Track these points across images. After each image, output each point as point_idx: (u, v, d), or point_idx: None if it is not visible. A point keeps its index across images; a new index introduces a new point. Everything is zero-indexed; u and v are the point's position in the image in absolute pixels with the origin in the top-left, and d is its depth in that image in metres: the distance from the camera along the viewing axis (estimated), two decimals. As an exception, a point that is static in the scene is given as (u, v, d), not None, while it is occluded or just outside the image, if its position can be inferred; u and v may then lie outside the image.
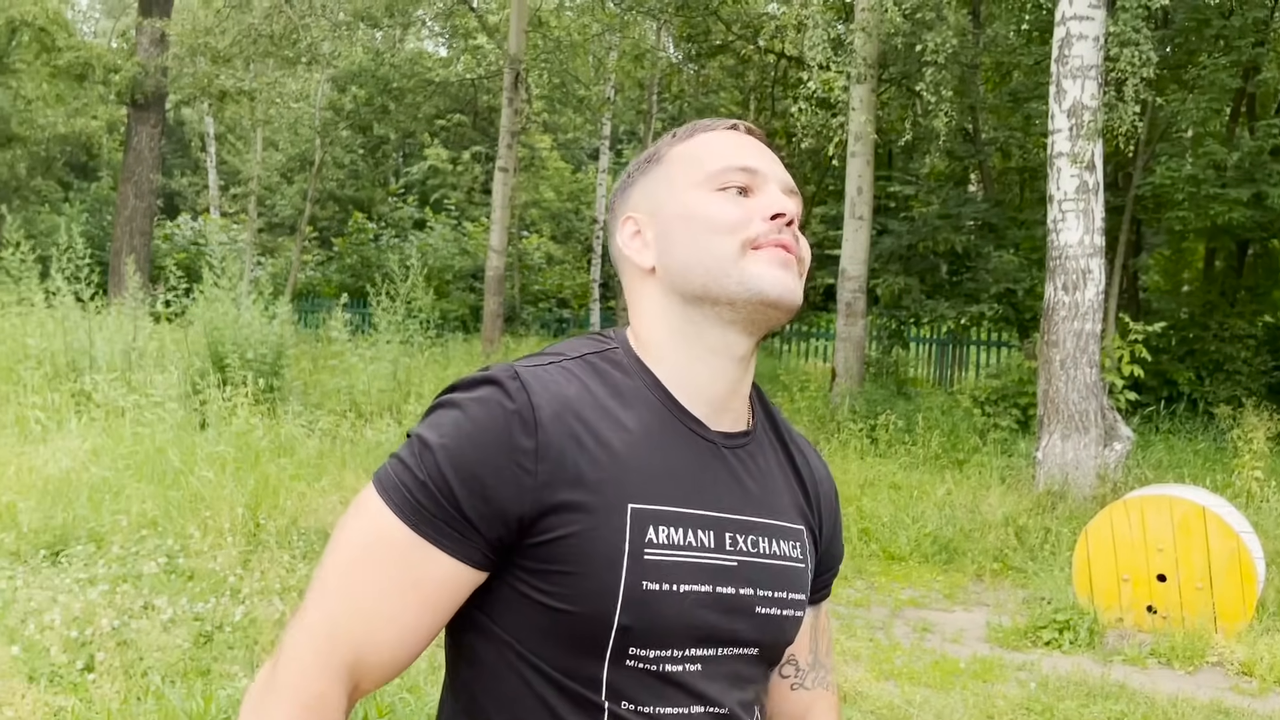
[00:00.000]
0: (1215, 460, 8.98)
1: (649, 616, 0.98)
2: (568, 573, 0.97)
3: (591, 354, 1.08)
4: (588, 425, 1.00)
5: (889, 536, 6.77)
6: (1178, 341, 12.08)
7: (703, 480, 1.05)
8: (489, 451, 0.96)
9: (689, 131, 1.15)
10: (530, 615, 0.99)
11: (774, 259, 1.06)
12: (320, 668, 0.96)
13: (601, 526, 0.98)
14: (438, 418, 1.00)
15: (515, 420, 0.97)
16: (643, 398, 1.05)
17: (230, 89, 18.22)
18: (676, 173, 1.12)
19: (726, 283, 1.05)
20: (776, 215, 1.07)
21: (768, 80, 17.65)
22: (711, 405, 1.08)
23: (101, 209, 26.80)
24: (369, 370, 9.32)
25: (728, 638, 1.04)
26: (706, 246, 1.06)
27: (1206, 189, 10.42)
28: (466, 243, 23.86)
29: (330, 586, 0.98)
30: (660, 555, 0.99)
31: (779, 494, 1.14)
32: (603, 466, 0.99)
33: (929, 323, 14.39)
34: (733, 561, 1.05)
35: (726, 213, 1.07)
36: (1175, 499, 5.12)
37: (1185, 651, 4.84)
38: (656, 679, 1.01)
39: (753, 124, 1.18)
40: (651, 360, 1.09)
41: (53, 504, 5.22)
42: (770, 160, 1.12)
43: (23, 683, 3.32)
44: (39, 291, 9.08)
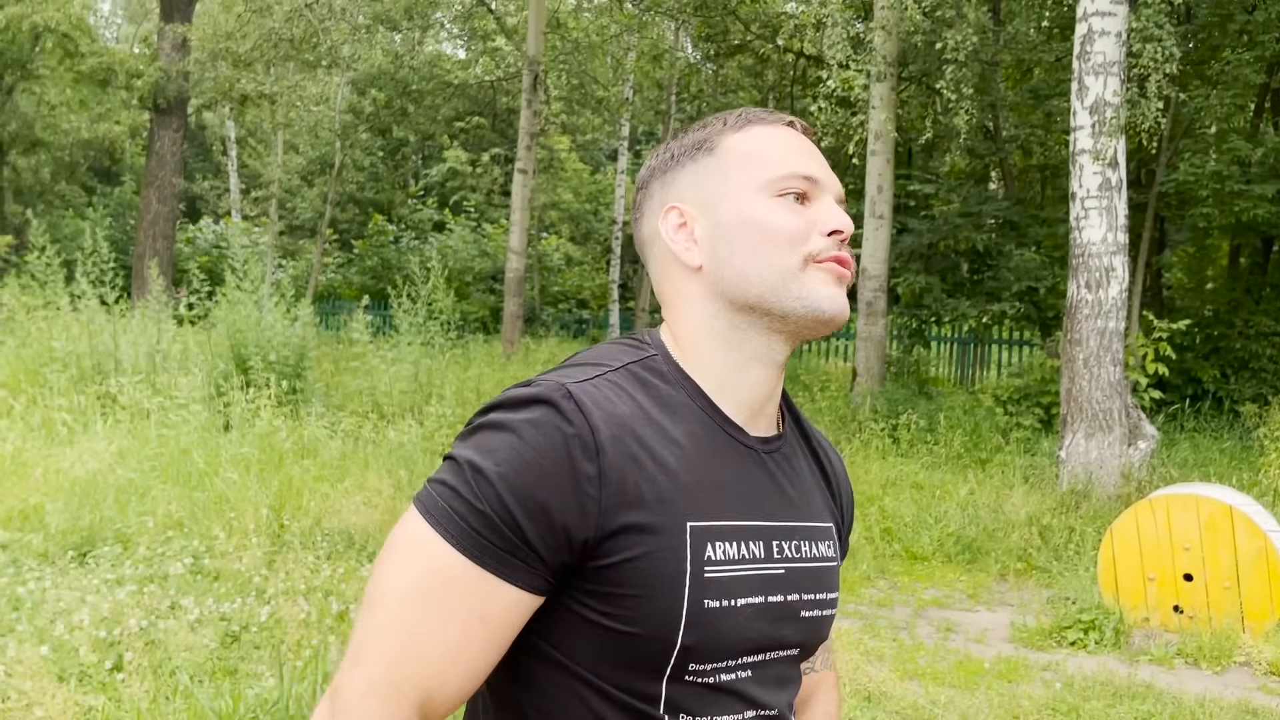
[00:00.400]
0: (1241, 459, 8.89)
1: (710, 634, 0.98)
2: (631, 595, 0.95)
3: (633, 363, 1.06)
4: (644, 444, 0.98)
5: (912, 536, 6.74)
6: (1202, 339, 11.97)
7: (748, 489, 1.06)
8: (552, 478, 0.93)
9: (741, 121, 1.11)
10: (589, 636, 0.97)
11: (832, 277, 1.06)
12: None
13: (663, 548, 0.96)
14: (485, 440, 0.95)
15: (576, 444, 0.94)
16: (687, 408, 1.04)
17: (251, 93, 18.37)
18: (732, 169, 1.08)
19: (784, 296, 1.05)
20: (835, 232, 1.06)
21: (786, 79, 17.62)
22: (750, 411, 1.08)
23: (124, 213, 27.04)
24: (390, 372, 9.36)
25: (776, 643, 1.06)
26: (767, 258, 1.05)
27: (1231, 185, 10.32)
28: (486, 244, 23.94)
29: (389, 632, 0.93)
30: (719, 572, 0.99)
31: (811, 495, 1.15)
32: (661, 486, 0.97)
33: (950, 321, 14.31)
34: (780, 569, 1.06)
35: (788, 224, 1.05)
36: (1202, 498, 5.07)
37: (1212, 651, 4.79)
38: (712, 690, 1.01)
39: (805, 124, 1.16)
40: (690, 364, 1.07)
41: (80, 505, 5.28)
42: (825, 166, 1.11)
43: (53, 682, 3.36)
44: (64, 295, 9.17)
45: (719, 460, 1.04)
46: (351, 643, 0.95)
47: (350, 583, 4.68)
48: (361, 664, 0.93)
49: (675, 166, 1.12)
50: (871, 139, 11.38)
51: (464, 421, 7.44)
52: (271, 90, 19.12)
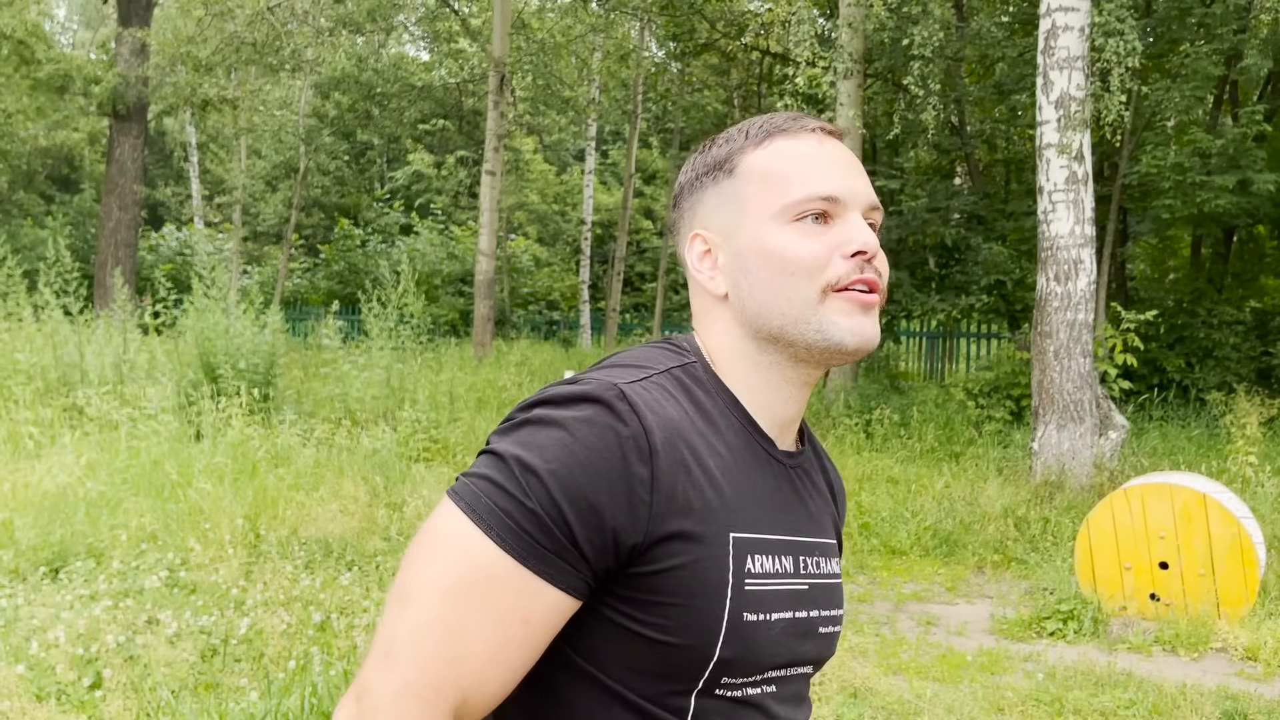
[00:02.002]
0: (1209, 446, 9.03)
1: (747, 648, 0.97)
2: (673, 604, 0.93)
3: (676, 368, 1.04)
4: (693, 450, 0.96)
5: (889, 531, 6.78)
6: (1167, 329, 12.13)
7: (781, 504, 1.05)
8: (606, 479, 0.90)
9: (763, 134, 1.07)
10: (623, 646, 0.95)
11: (855, 306, 1.02)
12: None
13: (708, 557, 0.95)
14: (533, 436, 0.92)
15: (631, 446, 0.91)
16: (726, 418, 1.03)
17: (213, 97, 18.14)
18: (751, 194, 1.05)
19: (805, 329, 1.02)
20: (858, 253, 1.02)
21: (753, 78, 17.68)
22: (780, 426, 1.08)
23: (85, 221, 26.65)
24: (362, 377, 9.28)
25: (798, 659, 1.05)
26: (784, 290, 1.02)
27: (1192, 177, 10.47)
28: (454, 247, 23.83)
29: (426, 631, 0.89)
30: (758, 585, 0.98)
31: (824, 510, 1.15)
32: (707, 495, 0.96)
33: (919, 316, 14.42)
34: (805, 585, 1.05)
35: (805, 253, 1.01)
36: (1175, 486, 5.14)
37: (1189, 638, 4.86)
38: (739, 704, 1.00)
39: (824, 121, 1.11)
40: (724, 376, 1.06)
41: (50, 520, 5.19)
42: (852, 174, 1.05)
43: (30, 702, 3.30)
44: (27, 306, 9.02)
45: (756, 473, 1.03)
46: (380, 638, 0.91)
47: (330, 591, 4.63)
48: (397, 663, 0.89)
49: (699, 188, 1.10)
50: (839, 136, 11.42)
51: (437, 426, 7.35)
52: (233, 95, 18.91)
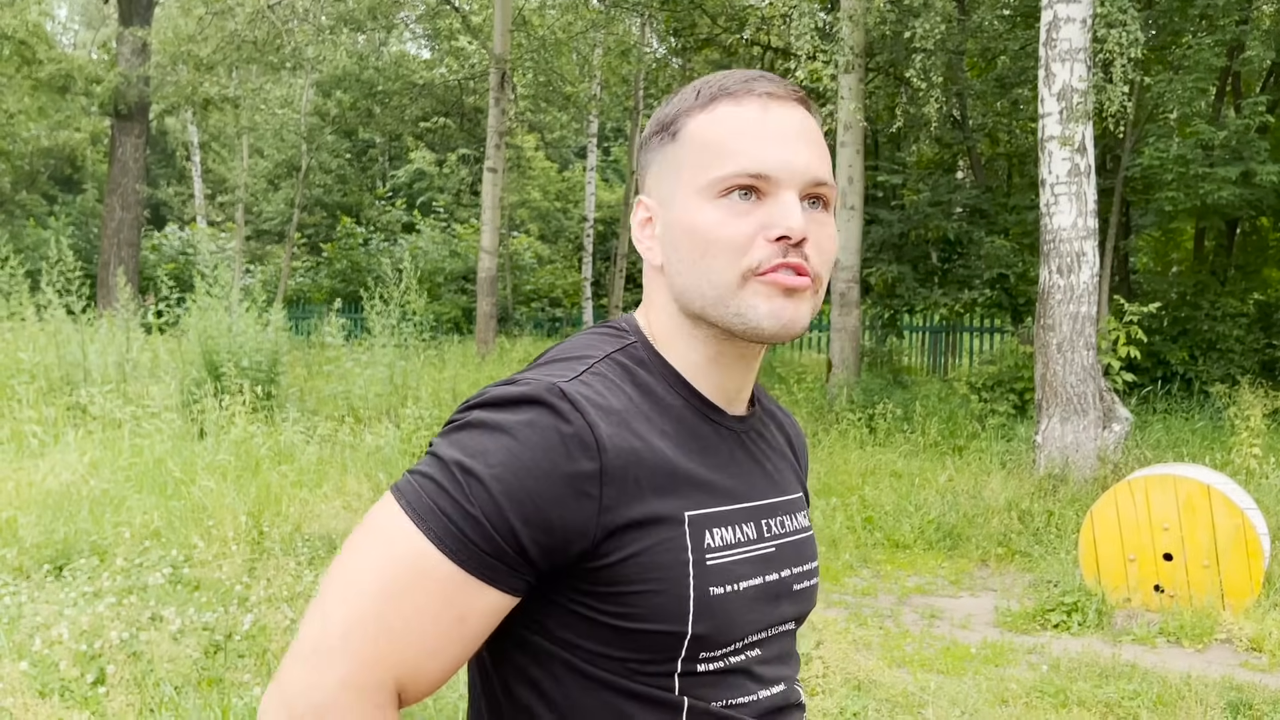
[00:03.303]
0: (1213, 438, 9.01)
1: (720, 621, 0.97)
2: (638, 591, 0.94)
3: (615, 352, 1.03)
4: (640, 437, 0.96)
5: (892, 525, 6.77)
6: (1170, 322, 12.11)
7: (735, 472, 1.05)
8: (550, 480, 0.90)
9: (710, 95, 1.02)
10: (596, 635, 0.96)
11: (775, 290, 0.98)
12: (364, 703, 0.89)
13: (664, 540, 0.95)
14: (475, 441, 0.91)
15: (575, 444, 0.91)
16: (670, 395, 1.03)
17: (214, 96, 18.16)
18: (685, 163, 1.01)
19: (724, 312, 0.99)
20: (782, 238, 0.97)
21: (753, 73, 17.63)
22: (727, 395, 1.07)
23: (87, 221, 26.68)
24: (365, 375, 9.28)
25: (776, 620, 1.06)
26: (705, 271, 0.99)
27: (1195, 169, 10.44)
28: (456, 245, 23.82)
29: (362, 627, 0.89)
30: (720, 558, 0.98)
31: (783, 466, 1.15)
32: (659, 478, 0.96)
33: (922, 310, 14.41)
34: (771, 548, 1.05)
35: (725, 234, 0.97)
36: (1179, 478, 5.13)
37: (1194, 629, 4.85)
38: (724, 674, 1.01)
39: (785, 82, 1.03)
40: (666, 351, 1.06)
41: (54, 518, 5.19)
42: (794, 148, 0.99)
43: (34, 698, 3.30)
44: (30, 306, 9.03)
45: (705, 446, 1.03)
46: (312, 629, 0.90)
47: (333, 588, 4.63)
48: (334, 658, 0.88)
49: (649, 148, 1.07)
50: (841, 130, 11.41)
51: (441, 423, 7.41)
52: (235, 94, 18.92)
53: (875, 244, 13.81)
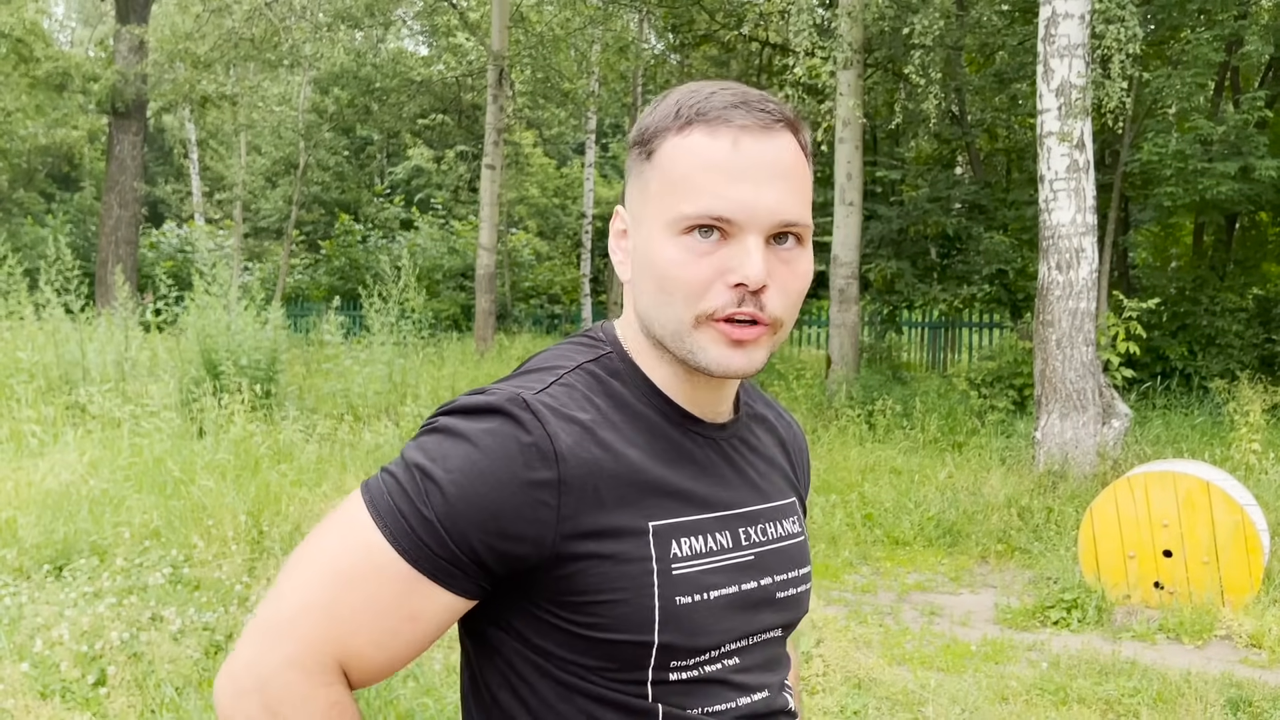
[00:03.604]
0: (1212, 434, 9.01)
1: (687, 630, 0.98)
2: (602, 601, 0.95)
3: (588, 362, 1.04)
4: (605, 447, 0.97)
5: (892, 521, 6.77)
6: (1169, 317, 12.11)
7: (710, 480, 1.05)
8: (507, 490, 0.91)
9: (688, 117, 0.99)
10: (566, 642, 0.97)
11: (724, 338, 0.97)
12: (311, 682, 0.92)
13: (627, 550, 0.96)
14: (439, 446, 0.93)
15: (533, 454, 0.92)
16: (643, 405, 1.03)
17: (212, 94, 18.13)
18: (654, 189, 1.00)
19: (679, 347, 1.00)
20: (739, 285, 0.96)
21: (752, 69, 17.63)
22: (701, 407, 1.07)
23: (85, 219, 26.64)
24: (364, 373, 9.28)
25: (756, 628, 1.06)
26: (664, 307, 0.99)
27: (1194, 164, 10.43)
28: (455, 242, 23.80)
29: (313, 611, 0.92)
30: (687, 568, 0.99)
31: (771, 472, 1.15)
32: (622, 489, 0.96)
33: (921, 306, 14.41)
34: (750, 556, 1.05)
35: (685, 275, 0.97)
36: (1179, 474, 5.13)
37: (1194, 626, 4.85)
38: (699, 683, 1.01)
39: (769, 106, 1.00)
40: (641, 362, 1.06)
41: (53, 518, 5.19)
42: (762, 189, 0.97)
43: (35, 699, 3.30)
44: (28, 304, 9.02)
45: (679, 455, 1.03)
46: (266, 609, 0.94)
47: (334, 587, 4.63)
48: (282, 638, 0.92)
49: (630, 157, 1.06)
50: (839, 126, 11.40)
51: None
52: (232, 91, 18.89)
53: (874, 240, 13.80)
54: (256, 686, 0.91)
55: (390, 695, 3.24)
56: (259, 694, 0.91)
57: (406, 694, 3.30)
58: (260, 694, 0.91)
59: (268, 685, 0.91)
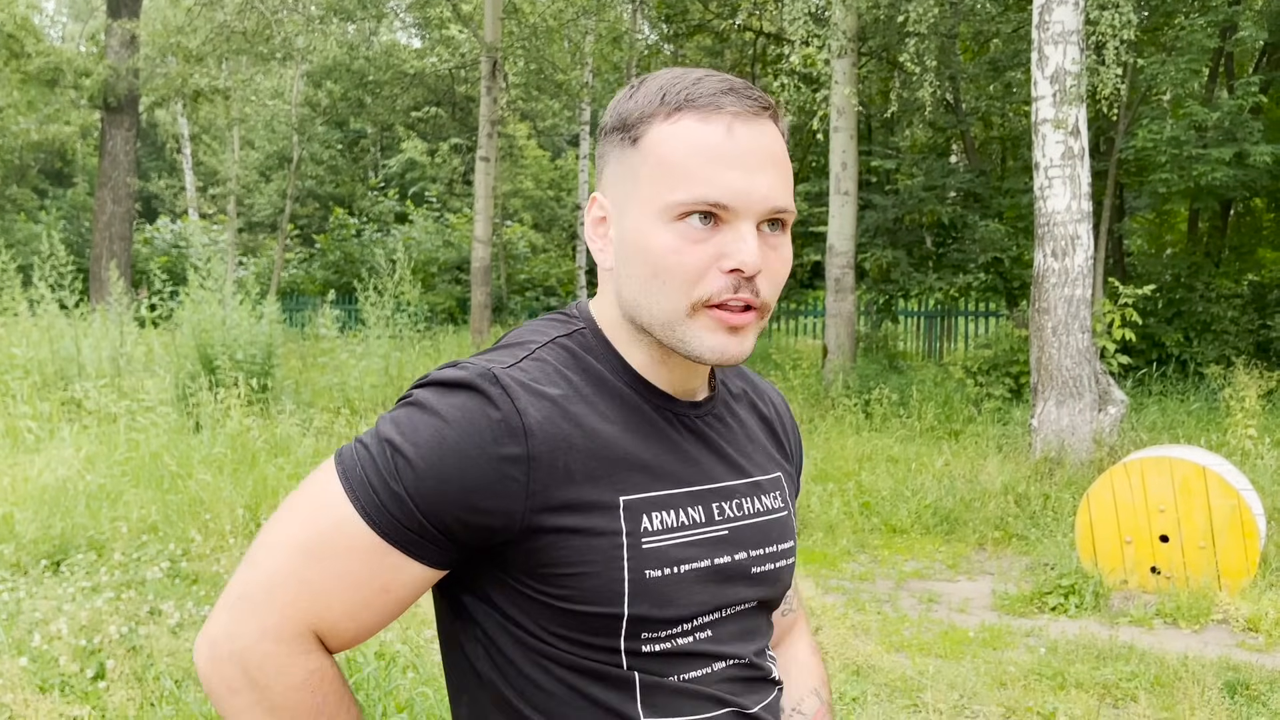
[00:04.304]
0: (1208, 420, 9.03)
1: (658, 603, 0.99)
2: (571, 574, 0.96)
3: (562, 336, 1.05)
4: (576, 422, 0.98)
5: (889, 510, 6.78)
6: (1165, 304, 12.13)
7: (683, 456, 1.06)
8: (475, 464, 0.92)
9: (676, 104, 0.99)
10: (542, 614, 0.98)
11: (722, 325, 0.98)
12: (287, 649, 0.95)
13: (598, 524, 0.97)
14: (411, 420, 0.95)
15: (502, 429, 0.93)
16: (614, 382, 1.04)
17: (204, 88, 18.06)
18: (644, 176, 0.99)
19: (670, 336, 1.00)
20: (735, 270, 0.97)
21: (746, 58, 17.59)
22: (674, 386, 1.08)
23: (79, 215, 26.57)
24: (360, 366, 9.27)
25: (729, 601, 1.06)
26: (655, 294, 0.99)
27: (1188, 150, 10.44)
28: (450, 234, 23.76)
29: (286, 583, 0.94)
30: (657, 542, 1.00)
31: (751, 448, 1.15)
32: (592, 464, 0.97)
33: (917, 295, 14.41)
34: (724, 530, 1.06)
35: (680, 261, 0.97)
36: (1175, 460, 5.14)
37: (1190, 610, 4.87)
38: (671, 655, 1.02)
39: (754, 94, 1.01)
40: (615, 341, 1.07)
41: (50, 513, 5.18)
42: (755, 174, 0.98)
43: (34, 694, 3.30)
44: (22, 301, 8.99)
45: (651, 431, 1.04)
46: (240, 578, 0.96)
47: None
48: (258, 609, 0.94)
49: (608, 143, 1.05)
50: (834, 115, 11.39)
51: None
52: (225, 85, 18.82)
53: (869, 229, 13.80)
54: (234, 655, 0.94)
55: (390, 685, 3.24)
56: (237, 662, 0.94)
57: (406, 684, 3.30)
58: (238, 662, 0.94)
59: (246, 655, 0.94)
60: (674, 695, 1.02)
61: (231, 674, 0.95)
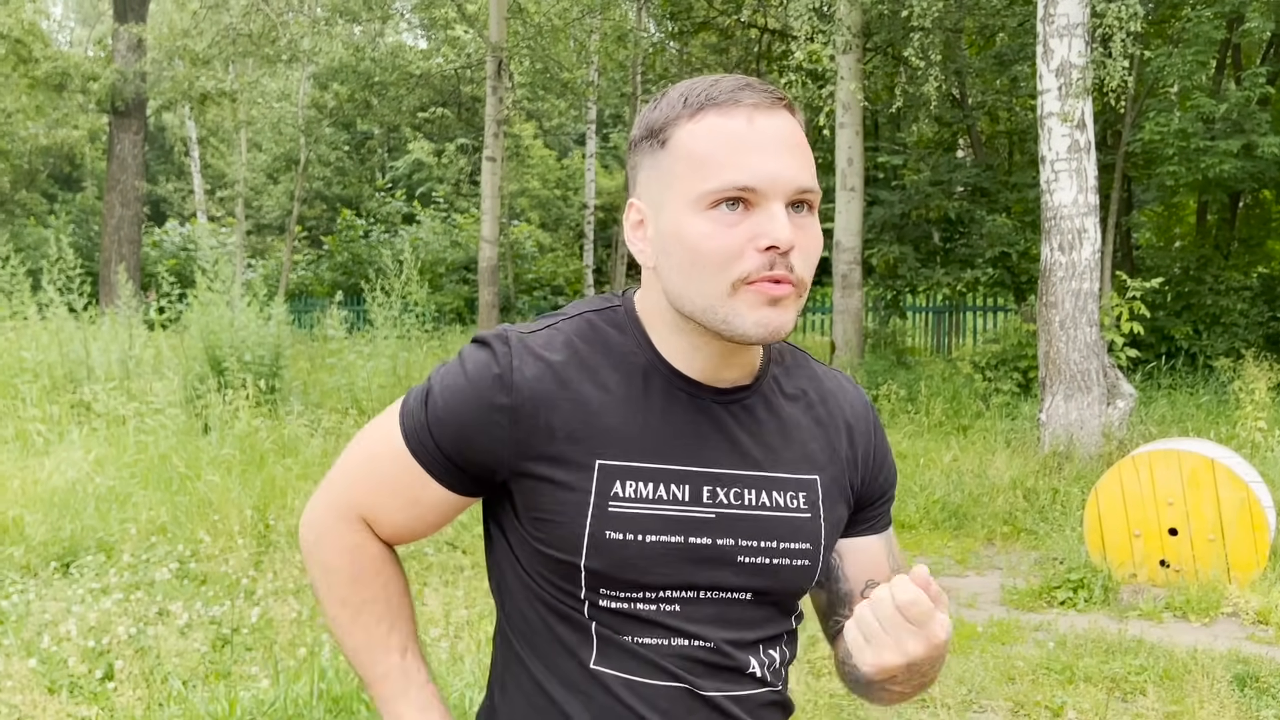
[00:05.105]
0: (1218, 413, 8.99)
1: (614, 563, 1.06)
2: (546, 519, 1.08)
3: (591, 312, 1.15)
4: (567, 386, 1.08)
5: (898, 505, 6.77)
6: (1173, 297, 12.07)
7: (685, 436, 1.10)
8: (472, 409, 1.08)
9: (698, 104, 1.06)
10: (529, 553, 1.11)
11: (763, 299, 1.03)
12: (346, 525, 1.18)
13: (570, 479, 1.06)
14: (448, 368, 1.12)
15: (498, 383, 1.07)
16: (632, 358, 1.11)
17: (211, 91, 18.12)
18: (675, 172, 1.06)
19: (713, 318, 1.05)
20: (770, 248, 1.02)
21: (751, 55, 17.57)
22: (704, 373, 1.12)
23: (87, 219, 26.66)
24: (368, 367, 9.29)
25: (709, 584, 1.10)
26: (696, 280, 1.04)
27: (1196, 142, 10.38)
28: (457, 234, 23.78)
29: (351, 473, 1.18)
30: (625, 508, 1.07)
31: (781, 445, 1.15)
32: (574, 424, 1.07)
33: (925, 290, 14.38)
34: (710, 514, 1.09)
35: (715, 246, 1.03)
36: (1183, 453, 5.12)
37: (1200, 603, 4.85)
38: (628, 618, 1.09)
39: (770, 89, 1.08)
40: (651, 328, 1.13)
41: (60, 516, 5.21)
42: (779, 159, 1.04)
43: (43, 695, 3.31)
44: (31, 304, 9.03)
45: (655, 407, 1.10)
46: (330, 471, 1.22)
47: (340, 579, 4.64)
48: (330, 487, 1.20)
49: (640, 151, 1.12)
50: (840, 111, 11.37)
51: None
52: (232, 88, 18.87)
53: (876, 225, 13.76)
54: (309, 522, 1.21)
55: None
56: (311, 527, 1.20)
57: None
58: (311, 527, 1.20)
59: (315, 522, 1.20)
60: (626, 654, 1.09)
61: (306, 535, 1.21)
